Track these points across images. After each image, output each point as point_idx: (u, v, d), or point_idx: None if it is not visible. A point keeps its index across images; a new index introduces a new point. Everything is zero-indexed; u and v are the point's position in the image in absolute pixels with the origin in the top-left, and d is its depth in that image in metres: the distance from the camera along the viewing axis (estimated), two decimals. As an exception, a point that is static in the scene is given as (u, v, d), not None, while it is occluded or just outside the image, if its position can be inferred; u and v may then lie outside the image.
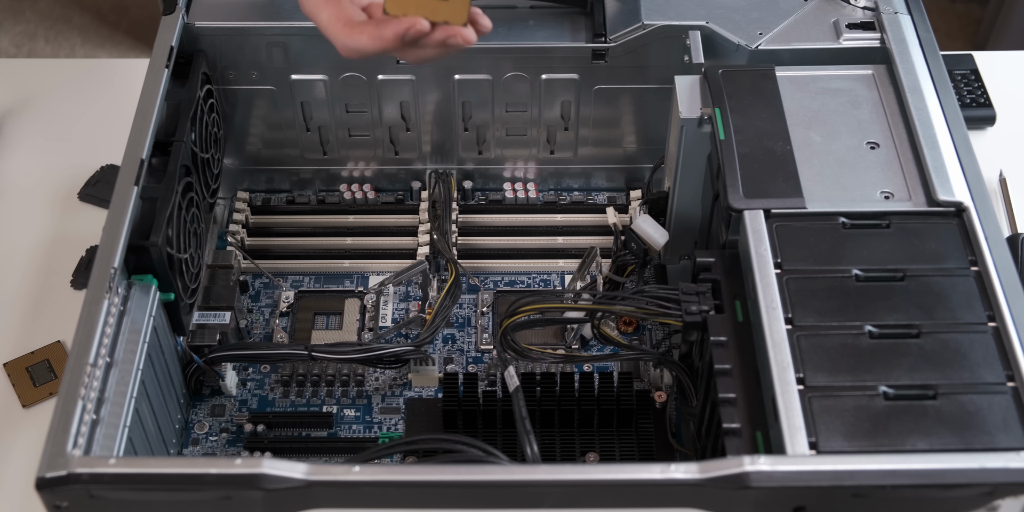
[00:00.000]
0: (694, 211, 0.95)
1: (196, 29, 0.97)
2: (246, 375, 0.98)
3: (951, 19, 2.34)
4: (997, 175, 1.11)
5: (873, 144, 0.86)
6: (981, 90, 1.18)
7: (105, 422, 0.75)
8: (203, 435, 0.94)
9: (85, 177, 1.13)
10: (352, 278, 1.05)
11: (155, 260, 0.83)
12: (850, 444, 0.69)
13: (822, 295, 0.76)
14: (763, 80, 0.90)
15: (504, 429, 0.91)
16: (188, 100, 0.93)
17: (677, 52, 0.97)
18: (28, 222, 1.10)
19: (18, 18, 2.39)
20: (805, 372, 0.72)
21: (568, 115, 1.05)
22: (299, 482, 0.67)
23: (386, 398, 0.97)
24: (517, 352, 0.89)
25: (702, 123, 0.89)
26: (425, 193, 1.09)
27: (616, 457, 0.91)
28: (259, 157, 1.09)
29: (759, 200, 0.81)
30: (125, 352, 0.80)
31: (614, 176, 1.11)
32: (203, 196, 0.96)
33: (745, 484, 0.66)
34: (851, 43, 0.94)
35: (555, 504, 0.69)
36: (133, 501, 0.69)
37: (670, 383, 0.94)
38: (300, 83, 1.02)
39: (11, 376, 0.98)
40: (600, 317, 0.91)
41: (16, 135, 1.18)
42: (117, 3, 2.42)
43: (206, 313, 0.95)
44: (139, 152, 0.86)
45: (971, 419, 0.69)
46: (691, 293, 0.81)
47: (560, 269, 1.06)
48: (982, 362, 0.72)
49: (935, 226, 0.80)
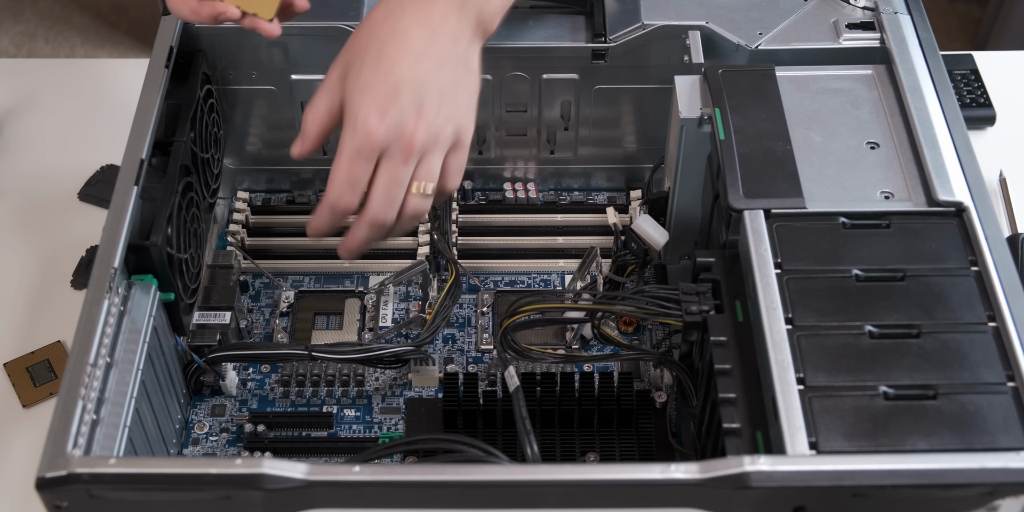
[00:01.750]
0: (694, 211, 0.95)
1: (196, 29, 0.97)
2: (246, 375, 0.98)
3: (951, 19, 2.34)
4: (997, 175, 1.11)
5: (873, 144, 0.86)
6: (981, 90, 1.18)
7: (105, 422, 0.75)
8: (203, 435, 0.94)
9: (85, 177, 1.13)
10: (352, 278, 1.05)
11: (155, 260, 0.83)
12: (850, 444, 0.69)
13: (822, 295, 0.76)
14: (763, 80, 0.90)
15: (504, 429, 0.91)
16: (188, 100, 0.93)
17: (677, 52, 0.97)
18: (28, 222, 1.10)
19: (18, 18, 2.39)
20: (805, 372, 0.72)
21: (568, 115, 1.05)
22: (299, 482, 0.67)
23: (386, 398, 0.97)
24: (517, 352, 0.89)
25: (702, 123, 0.89)
26: (425, 193, 1.09)
27: (616, 457, 0.91)
28: (259, 157, 1.09)
29: (759, 200, 0.81)
30: (125, 352, 0.80)
31: (614, 176, 1.11)
32: (203, 196, 0.96)
33: (745, 484, 0.66)
34: (851, 43, 0.94)
35: (555, 504, 0.69)
36: (133, 501, 0.69)
37: (670, 383, 0.94)
38: (300, 83, 1.02)
39: (11, 376, 0.98)
40: (600, 317, 0.91)
41: (16, 135, 1.18)
42: (117, 3, 2.43)
43: (206, 313, 0.95)
44: (139, 152, 0.86)
45: (971, 419, 0.69)
46: (691, 293, 0.81)
47: (560, 269, 1.06)
48: (982, 362, 0.72)
49: (935, 226, 0.80)
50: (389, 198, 0.80)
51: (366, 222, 0.81)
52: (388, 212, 0.80)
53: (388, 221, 0.81)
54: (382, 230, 0.82)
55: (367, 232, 0.82)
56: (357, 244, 0.83)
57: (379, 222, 0.81)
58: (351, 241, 0.83)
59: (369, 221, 0.81)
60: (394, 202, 0.80)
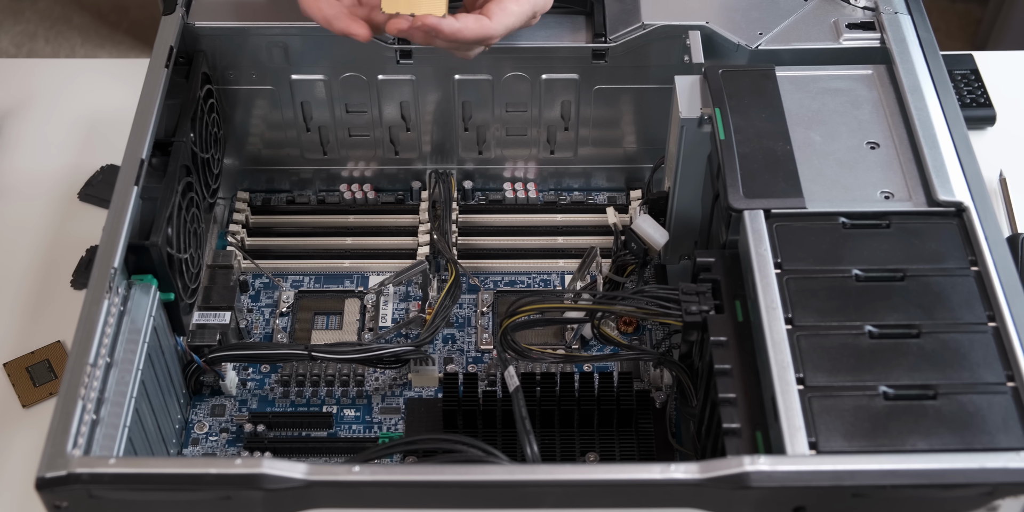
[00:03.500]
0: (694, 211, 0.95)
1: (196, 29, 0.97)
2: (246, 375, 0.98)
3: (951, 19, 2.34)
4: (997, 175, 1.11)
5: (873, 144, 0.86)
6: (981, 90, 1.18)
7: (105, 422, 0.75)
8: (203, 435, 0.94)
9: (85, 177, 1.13)
10: (352, 278, 1.05)
11: (155, 260, 0.83)
12: (850, 444, 0.69)
13: (822, 295, 0.76)
14: (763, 80, 0.90)
15: (504, 429, 0.91)
16: (188, 100, 0.93)
17: (677, 52, 0.97)
18: (28, 222, 1.10)
19: (18, 18, 2.39)
20: (805, 372, 0.72)
21: (568, 115, 1.05)
22: (299, 482, 0.67)
23: (386, 398, 0.97)
24: (517, 352, 0.89)
25: (702, 123, 0.89)
26: (425, 193, 1.09)
27: (616, 457, 0.91)
28: (259, 157, 1.09)
29: (759, 200, 0.81)
30: (125, 352, 0.80)
31: (614, 176, 1.11)
32: (203, 196, 0.96)
33: (745, 484, 0.66)
34: (851, 43, 0.94)
35: (555, 504, 0.69)
36: (133, 501, 0.69)
37: (670, 383, 0.94)
38: (300, 83, 1.02)
39: (11, 376, 0.98)
40: (600, 317, 0.91)
41: (16, 135, 1.18)
42: (117, 3, 2.42)
43: (206, 313, 0.95)
44: (139, 152, 0.86)
45: (971, 419, 0.69)
46: (691, 293, 0.81)
47: (560, 269, 1.06)
48: (982, 362, 0.72)
49: (935, 226, 0.80)
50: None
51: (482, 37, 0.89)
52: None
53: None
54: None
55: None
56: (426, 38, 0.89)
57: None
58: (443, 27, 0.87)
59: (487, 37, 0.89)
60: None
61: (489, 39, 0.89)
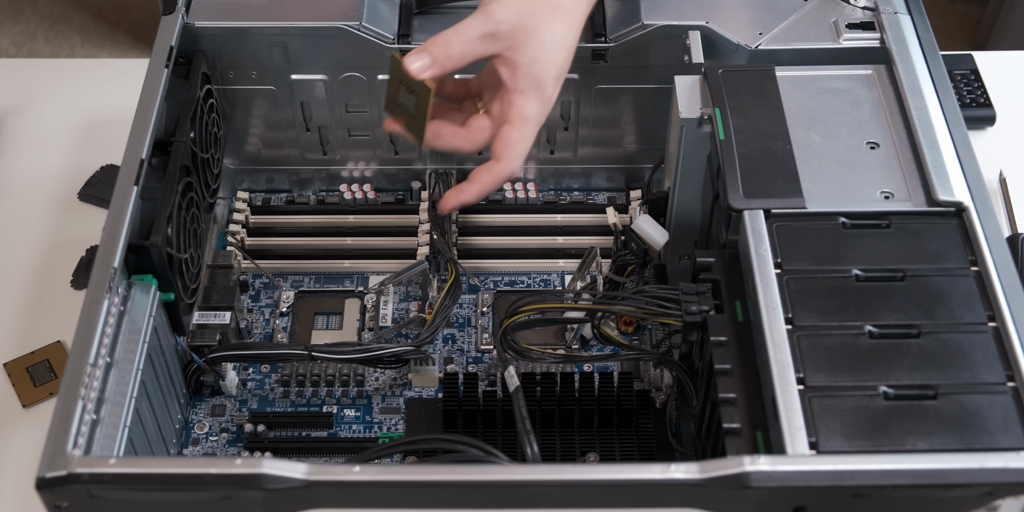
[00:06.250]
0: (694, 211, 0.95)
1: (196, 29, 0.97)
2: (246, 375, 0.98)
3: (951, 19, 2.34)
4: (997, 175, 1.11)
5: (873, 144, 0.86)
6: (981, 90, 1.18)
7: (105, 422, 0.75)
8: (203, 435, 0.94)
9: (85, 177, 1.13)
10: (352, 278, 1.05)
11: (155, 260, 0.83)
12: (850, 444, 0.69)
13: (822, 295, 0.76)
14: (763, 80, 0.90)
15: (504, 429, 0.91)
16: (188, 100, 0.93)
17: (677, 52, 0.97)
18: (28, 222, 1.10)
19: (18, 18, 2.39)
20: (805, 372, 0.72)
21: (568, 115, 1.05)
22: (299, 482, 0.67)
23: (386, 398, 0.97)
24: (517, 352, 0.89)
25: (702, 123, 0.89)
26: (425, 193, 1.09)
27: (616, 457, 0.91)
28: (259, 157, 1.09)
29: (759, 200, 0.81)
30: (125, 352, 0.80)
31: (614, 176, 1.11)
32: (203, 196, 0.96)
33: (745, 484, 0.66)
34: (851, 43, 0.94)
35: (555, 504, 0.69)
36: (133, 501, 0.69)
37: (670, 383, 0.94)
38: (300, 83, 1.02)
39: (11, 376, 0.98)
40: (600, 317, 0.91)
41: (16, 135, 1.18)
42: (117, 3, 2.43)
43: (206, 313, 0.95)
44: (139, 152, 0.86)
45: (971, 419, 0.69)
46: (691, 293, 0.81)
47: (560, 269, 1.06)
48: (982, 362, 0.72)
49: (935, 226, 0.80)
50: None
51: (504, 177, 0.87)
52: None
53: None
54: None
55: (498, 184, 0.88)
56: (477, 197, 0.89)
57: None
58: (473, 194, 0.88)
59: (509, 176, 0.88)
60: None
61: (512, 176, 0.87)
